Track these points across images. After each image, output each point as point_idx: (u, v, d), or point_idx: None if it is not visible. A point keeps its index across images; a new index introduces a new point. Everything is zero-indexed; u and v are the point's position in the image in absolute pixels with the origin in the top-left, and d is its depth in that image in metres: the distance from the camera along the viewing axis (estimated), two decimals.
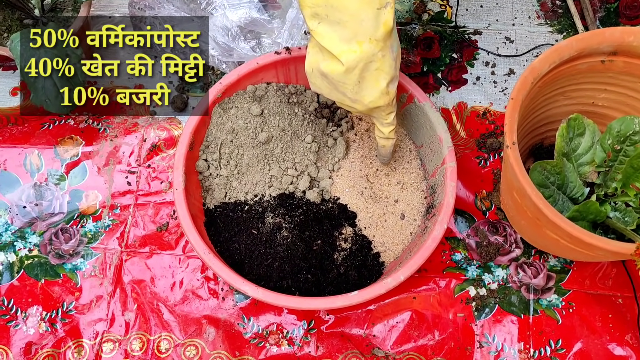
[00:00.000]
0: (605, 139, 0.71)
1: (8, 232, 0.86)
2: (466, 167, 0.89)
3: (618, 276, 0.82)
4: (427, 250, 0.72)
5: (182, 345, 0.79)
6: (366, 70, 0.64)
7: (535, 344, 0.78)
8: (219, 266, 0.71)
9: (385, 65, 0.64)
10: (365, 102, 0.68)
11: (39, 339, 0.79)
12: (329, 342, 0.79)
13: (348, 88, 0.66)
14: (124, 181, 0.89)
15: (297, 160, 0.82)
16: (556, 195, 0.69)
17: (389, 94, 0.68)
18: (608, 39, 0.69)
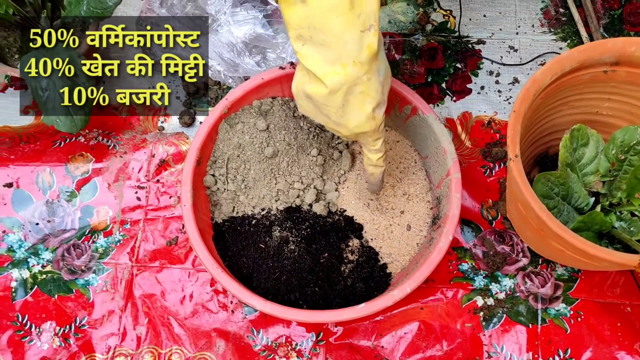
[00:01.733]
0: (609, 149, 0.71)
1: (22, 249, 0.87)
2: (472, 176, 0.90)
3: (626, 284, 0.81)
4: (433, 262, 0.73)
5: (192, 359, 0.80)
6: (350, 93, 0.63)
7: (544, 354, 0.79)
8: (227, 280, 0.72)
9: (370, 89, 0.63)
10: (350, 127, 0.67)
11: (52, 354, 0.81)
12: (338, 353, 0.80)
13: (332, 111, 0.66)
14: (134, 196, 0.90)
15: (304, 174, 0.83)
16: (561, 205, 0.70)
17: (375, 119, 0.66)
18: (610, 49, 0.69)
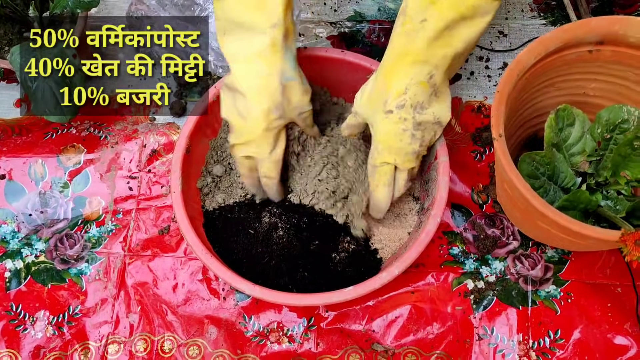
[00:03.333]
0: (595, 128, 0.71)
1: (15, 240, 0.88)
2: (462, 161, 0.90)
3: (616, 265, 0.81)
4: (421, 244, 0.73)
5: (185, 345, 0.81)
6: (252, 85, 0.71)
7: (534, 335, 0.79)
8: (216, 265, 0.73)
9: (270, 84, 0.70)
10: (248, 120, 0.72)
11: (46, 343, 0.82)
12: (329, 338, 0.80)
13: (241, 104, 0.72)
14: (126, 186, 0.91)
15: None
16: (547, 185, 0.70)
17: (269, 118, 0.72)
18: (594, 28, 0.69)
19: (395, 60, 0.68)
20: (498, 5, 0.64)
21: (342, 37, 1.01)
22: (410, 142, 0.70)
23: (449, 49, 0.66)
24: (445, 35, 0.65)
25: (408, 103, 0.68)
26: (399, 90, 0.68)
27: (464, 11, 0.63)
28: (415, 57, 0.67)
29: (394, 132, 0.70)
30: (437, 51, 0.66)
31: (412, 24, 0.66)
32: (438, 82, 0.69)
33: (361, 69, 0.83)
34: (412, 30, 0.66)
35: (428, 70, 0.67)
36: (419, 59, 0.67)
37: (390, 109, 0.69)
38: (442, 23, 0.64)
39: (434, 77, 0.68)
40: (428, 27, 0.65)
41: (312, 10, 1.04)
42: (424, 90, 0.68)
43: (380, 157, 0.72)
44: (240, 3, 0.68)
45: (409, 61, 0.67)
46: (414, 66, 0.67)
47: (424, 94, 0.68)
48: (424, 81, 0.68)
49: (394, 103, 0.69)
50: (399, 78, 0.68)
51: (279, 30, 0.69)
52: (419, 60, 0.67)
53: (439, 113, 0.70)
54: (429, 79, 0.68)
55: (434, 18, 0.64)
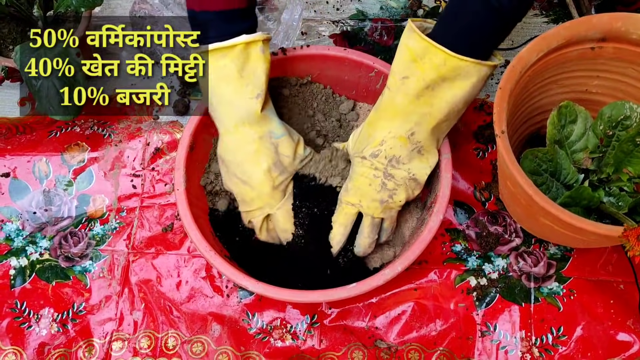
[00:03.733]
0: (597, 125, 0.71)
1: (20, 238, 0.88)
2: (465, 159, 0.90)
3: (619, 262, 0.82)
4: (424, 241, 0.73)
5: (188, 342, 0.81)
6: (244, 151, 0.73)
7: (537, 332, 0.79)
8: (219, 262, 0.73)
9: (262, 147, 0.73)
10: (252, 184, 0.74)
11: (51, 340, 0.82)
12: (332, 335, 0.81)
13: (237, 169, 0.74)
14: (130, 184, 0.91)
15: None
16: (549, 182, 0.70)
17: (272, 178, 0.74)
18: (596, 25, 0.69)
19: (378, 113, 0.72)
20: (484, 70, 0.65)
21: (345, 36, 1.02)
22: (379, 190, 0.73)
23: (430, 108, 0.68)
24: (426, 95, 0.67)
25: (382, 154, 0.71)
26: (376, 141, 0.71)
27: (445, 72, 0.64)
28: (396, 113, 0.69)
29: (365, 176, 0.73)
30: (418, 109, 0.68)
31: (395, 80, 0.68)
32: (422, 140, 0.70)
33: (363, 67, 0.83)
34: (394, 86, 0.68)
35: (408, 127, 0.69)
36: (398, 115, 0.69)
37: (364, 156, 0.73)
38: (423, 82, 0.66)
39: (416, 135, 0.70)
40: (409, 84, 0.67)
41: (314, 9, 1.04)
42: (402, 146, 0.70)
43: (347, 195, 0.75)
44: (221, 79, 0.71)
45: (389, 115, 0.70)
46: (394, 121, 0.70)
47: (402, 149, 0.71)
48: (403, 136, 0.70)
49: (369, 152, 0.72)
50: (378, 130, 0.71)
51: (261, 99, 0.72)
52: (398, 116, 0.69)
53: (415, 170, 0.72)
54: (410, 135, 0.70)
55: (415, 77, 0.66)
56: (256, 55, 0.71)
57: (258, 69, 0.72)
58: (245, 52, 0.70)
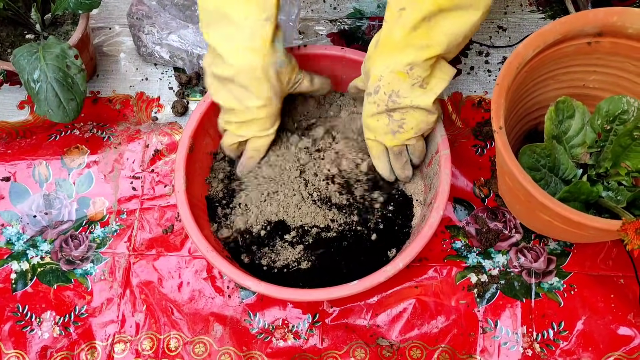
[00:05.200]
0: (594, 120, 0.71)
1: (20, 241, 0.88)
2: (464, 156, 0.90)
3: (619, 257, 0.82)
4: (424, 237, 0.73)
5: (190, 343, 0.81)
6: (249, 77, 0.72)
7: (538, 327, 0.79)
8: (221, 262, 0.73)
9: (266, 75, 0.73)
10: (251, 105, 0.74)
11: (53, 343, 0.82)
12: (334, 334, 0.81)
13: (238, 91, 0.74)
14: (129, 187, 0.91)
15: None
16: (548, 177, 0.70)
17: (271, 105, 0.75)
18: (592, 20, 0.69)
19: (377, 48, 0.71)
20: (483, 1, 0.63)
21: (342, 35, 1.02)
22: (387, 123, 0.73)
23: (428, 40, 0.66)
24: (423, 26, 0.65)
25: (382, 90, 0.71)
26: (374, 77, 0.71)
27: (443, 3, 0.63)
28: (393, 47, 0.68)
29: (371, 113, 0.74)
30: (416, 42, 0.66)
31: (392, 12, 0.66)
32: (422, 75, 0.69)
33: (361, 65, 0.83)
34: (391, 19, 0.67)
35: (407, 62, 0.68)
36: (396, 49, 0.68)
37: (369, 92, 0.73)
38: (420, 14, 0.64)
39: (415, 70, 0.68)
40: (405, 16, 0.65)
41: (311, 8, 1.04)
42: (401, 80, 0.69)
43: (366, 133, 0.77)
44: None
45: (387, 50, 0.69)
46: (391, 55, 0.68)
47: (401, 84, 0.69)
48: (401, 71, 0.68)
49: (371, 87, 0.72)
50: (376, 65, 0.71)
51: (271, 24, 0.70)
52: (396, 50, 0.68)
53: (418, 100, 0.71)
54: (409, 70, 0.68)
55: (411, 8, 0.64)
56: None
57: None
58: None
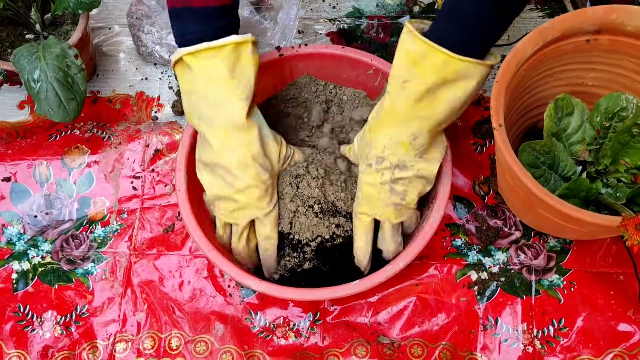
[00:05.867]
0: (593, 117, 0.71)
1: (21, 241, 0.89)
2: (463, 154, 0.91)
3: (618, 253, 0.82)
4: (425, 237, 0.73)
5: (192, 342, 0.81)
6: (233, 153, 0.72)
7: (538, 324, 0.79)
8: (222, 261, 0.73)
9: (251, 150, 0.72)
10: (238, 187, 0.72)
11: (54, 342, 0.82)
12: (335, 332, 0.81)
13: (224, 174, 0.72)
14: (130, 186, 0.91)
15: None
16: (547, 174, 0.71)
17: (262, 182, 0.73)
18: (591, 18, 0.70)
19: (380, 118, 0.70)
20: (484, 70, 0.64)
21: (341, 34, 1.02)
22: (389, 196, 0.72)
23: (431, 111, 0.66)
24: (427, 98, 0.65)
25: (386, 161, 0.70)
26: (378, 147, 0.70)
27: (446, 75, 0.63)
28: (397, 118, 0.68)
29: (372, 184, 0.72)
30: (419, 113, 0.67)
31: (395, 84, 0.67)
32: (425, 144, 0.69)
33: (362, 64, 0.84)
34: (394, 90, 0.67)
35: (410, 132, 0.68)
36: (399, 120, 0.68)
37: (370, 163, 0.72)
38: (424, 86, 0.64)
39: (418, 139, 0.69)
40: (409, 88, 0.65)
41: (311, 8, 1.05)
42: (405, 151, 0.69)
43: (359, 206, 0.74)
44: (210, 80, 0.69)
45: (391, 121, 0.69)
46: (395, 126, 0.69)
47: (405, 155, 0.70)
48: (405, 142, 0.69)
49: (373, 158, 0.71)
50: (379, 136, 0.70)
51: (249, 101, 0.71)
52: (400, 121, 0.68)
53: (423, 170, 0.71)
54: (412, 140, 0.69)
55: (415, 80, 0.65)
56: (246, 56, 0.70)
57: (248, 70, 0.70)
58: (236, 53, 0.69)
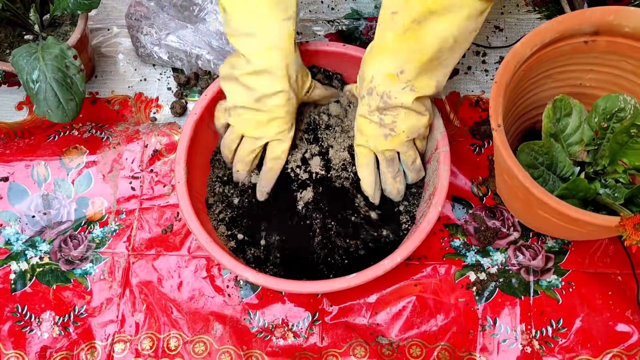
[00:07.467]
0: (592, 118, 0.72)
1: (19, 242, 0.88)
2: (462, 155, 0.91)
3: (616, 254, 0.82)
4: (423, 232, 0.73)
5: (190, 342, 0.81)
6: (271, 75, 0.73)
7: (537, 325, 0.80)
8: (220, 254, 0.73)
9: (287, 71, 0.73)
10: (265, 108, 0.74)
11: (53, 343, 0.82)
12: (334, 332, 0.81)
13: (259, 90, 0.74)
14: (128, 187, 0.91)
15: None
16: (546, 175, 0.71)
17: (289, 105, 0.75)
18: (588, 19, 0.70)
19: (370, 50, 0.72)
20: (476, 4, 0.63)
21: (340, 35, 1.02)
22: (379, 126, 0.73)
23: (418, 44, 0.66)
24: (412, 29, 0.65)
25: (374, 91, 0.72)
26: (367, 79, 0.72)
27: (431, 5, 0.63)
28: (385, 49, 0.69)
29: (363, 115, 0.74)
30: (405, 44, 0.67)
31: (385, 15, 0.68)
32: (412, 80, 0.69)
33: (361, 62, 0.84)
34: (383, 21, 0.68)
35: (397, 65, 0.69)
36: (388, 52, 0.69)
37: (363, 95, 0.74)
38: (410, 17, 0.65)
39: (405, 73, 0.69)
40: (397, 19, 0.66)
41: (309, 9, 1.05)
42: (392, 82, 0.70)
43: (356, 139, 0.77)
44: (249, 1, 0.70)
45: (380, 53, 0.70)
46: (383, 58, 0.70)
47: (392, 86, 0.70)
48: (392, 73, 0.69)
49: (364, 90, 0.73)
50: (369, 68, 0.72)
51: (292, 23, 0.72)
52: (388, 53, 0.69)
53: (409, 104, 0.71)
54: (399, 73, 0.69)
55: (402, 10, 0.65)
56: None
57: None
58: None
